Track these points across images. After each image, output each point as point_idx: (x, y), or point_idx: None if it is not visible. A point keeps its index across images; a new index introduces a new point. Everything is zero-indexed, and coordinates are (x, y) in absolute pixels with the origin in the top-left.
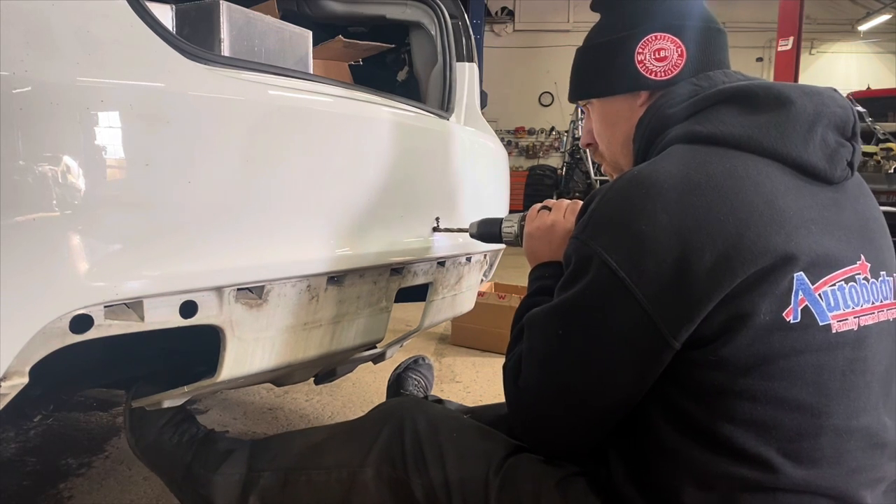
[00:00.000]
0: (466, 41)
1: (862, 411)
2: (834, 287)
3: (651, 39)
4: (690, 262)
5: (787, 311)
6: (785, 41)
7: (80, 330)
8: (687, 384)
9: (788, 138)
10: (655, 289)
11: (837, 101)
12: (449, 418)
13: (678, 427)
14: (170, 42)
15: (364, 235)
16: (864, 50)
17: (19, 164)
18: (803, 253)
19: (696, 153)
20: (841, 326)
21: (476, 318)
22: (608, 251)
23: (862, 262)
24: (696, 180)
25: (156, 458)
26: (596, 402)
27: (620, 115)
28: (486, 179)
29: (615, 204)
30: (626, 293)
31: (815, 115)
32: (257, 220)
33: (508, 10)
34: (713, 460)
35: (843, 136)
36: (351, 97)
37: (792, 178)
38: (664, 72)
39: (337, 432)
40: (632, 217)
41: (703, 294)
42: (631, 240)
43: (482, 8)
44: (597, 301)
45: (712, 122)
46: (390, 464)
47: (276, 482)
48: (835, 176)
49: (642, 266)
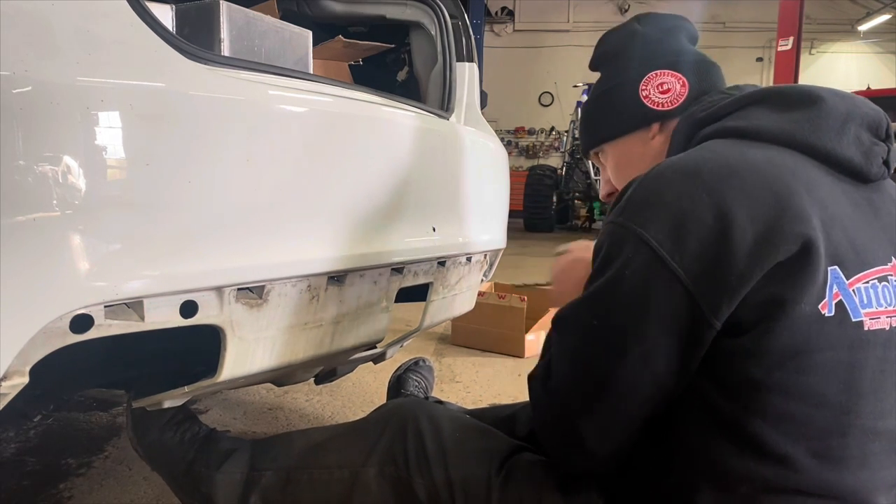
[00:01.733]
0: (466, 41)
1: (888, 413)
2: (867, 284)
3: (652, 77)
4: (732, 241)
5: (822, 304)
6: (785, 41)
7: (81, 330)
8: (722, 378)
9: (822, 132)
10: (697, 267)
11: (868, 104)
12: (451, 418)
13: (705, 425)
14: (170, 42)
15: (364, 235)
16: (864, 50)
17: (19, 163)
18: (837, 246)
19: (732, 144)
20: (873, 325)
21: (476, 318)
22: (648, 230)
23: (894, 263)
24: (736, 165)
25: (157, 456)
26: (633, 397)
27: (634, 153)
28: (487, 179)
29: (654, 186)
30: (667, 272)
31: (846, 113)
32: (258, 219)
33: (508, 10)
34: (737, 460)
35: (876, 136)
36: (351, 97)
37: (827, 174)
38: (670, 102)
39: (339, 432)
40: (672, 196)
41: (744, 273)
42: (672, 218)
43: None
44: (636, 282)
45: (745, 118)
46: (392, 463)
47: (277, 481)
48: (871, 172)
49: (684, 244)
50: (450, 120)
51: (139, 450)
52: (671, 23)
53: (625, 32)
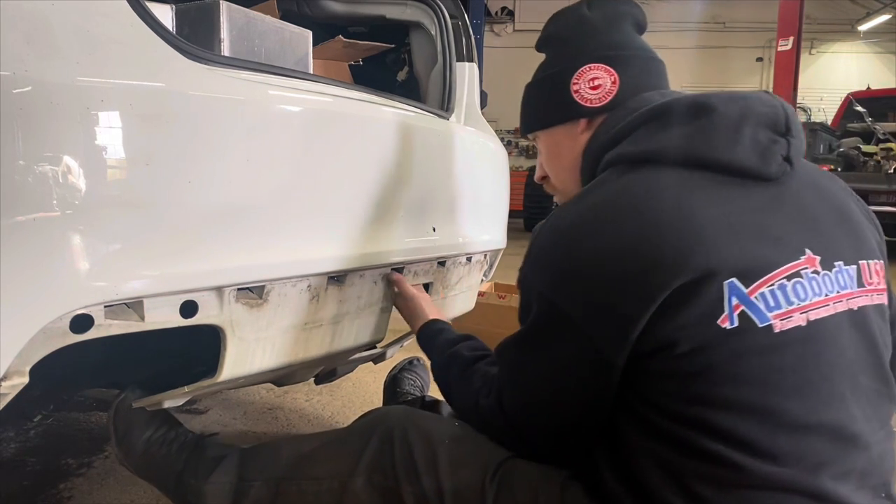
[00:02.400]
0: (466, 41)
1: (822, 406)
2: (773, 287)
3: (585, 70)
4: (617, 285)
5: (721, 319)
6: (785, 41)
7: (81, 330)
8: (643, 392)
9: (714, 142)
10: (591, 313)
11: (765, 101)
12: (441, 426)
13: (645, 432)
14: (170, 42)
15: (365, 235)
16: (864, 50)
17: (19, 164)
18: (729, 262)
19: (621, 177)
20: (785, 325)
21: (476, 318)
22: (544, 283)
23: (808, 256)
24: (619, 205)
25: (146, 469)
26: (569, 417)
27: (563, 145)
28: (487, 179)
29: (547, 237)
30: (565, 320)
31: (739, 118)
32: (258, 219)
33: (508, 10)
34: (681, 461)
35: (775, 132)
36: (351, 97)
37: (722, 183)
38: (598, 99)
39: (326, 441)
40: (561, 249)
41: (633, 313)
42: (562, 270)
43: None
44: (543, 330)
45: (641, 140)
46: (380, 472)
47: (267, 492)
48: (770, 172)
49: (574, 293)
50: (450, 120)
51: (127, 465)
52: (618, 9)
53: (572, 17)
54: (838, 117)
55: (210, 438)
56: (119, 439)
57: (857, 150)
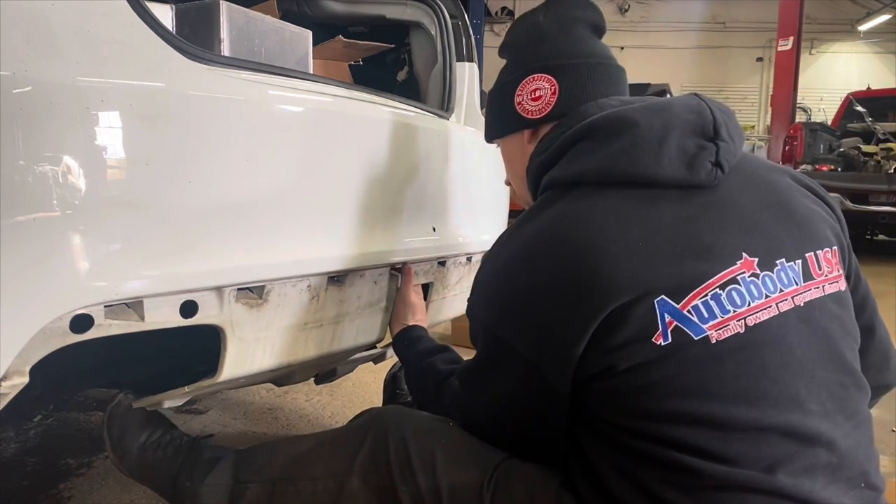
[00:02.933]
0: (466, 41)
1: (771, 407)
2: (706, 298)
3: (529, 81)
4: (551, 316)
5: (655, 336)
6: (785, 41)
7: (81, 330)
8: (595, 410)
9: (637, 159)
10: (533, 343)
11: (692, 107)
12: (437, 425)
13: (605, 444)
14: (170, 42)
15: (364, 235)
16: (864, 50)
17: (19, 164)
18: (658, 280)
19: (552, 205)
20: (721, 334)
21: None
22: (489, 319)
23: (744, 260)
24: (548, 236)
25: (141, 473)
26: (528, 437)
27: (515, 153)
28: (487, 179)
29: (488, 272)
30: (510, 350)
31: (662, 129)
32: (258, 219)
33: (508, 10)
34: (643, 469)
35: (703, 137)
36: (351, 97)
37: (652, 198)
38: (538, 111)
39: (321, 441)
40: (500, 283)
41: (571, 341)
42: (501, 304)
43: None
44: (491, 360)
45: (571, 164)
46: (375, 472)
47: (263, 493)
48: (700, 180)
49: (516, 325)
50: (450, 120)
51: (123, 469)
52: (572, 13)
53: (527, 24)
54: (838, 117)
55: (205, 440)
56: (114, 444)
57: (857, 150)
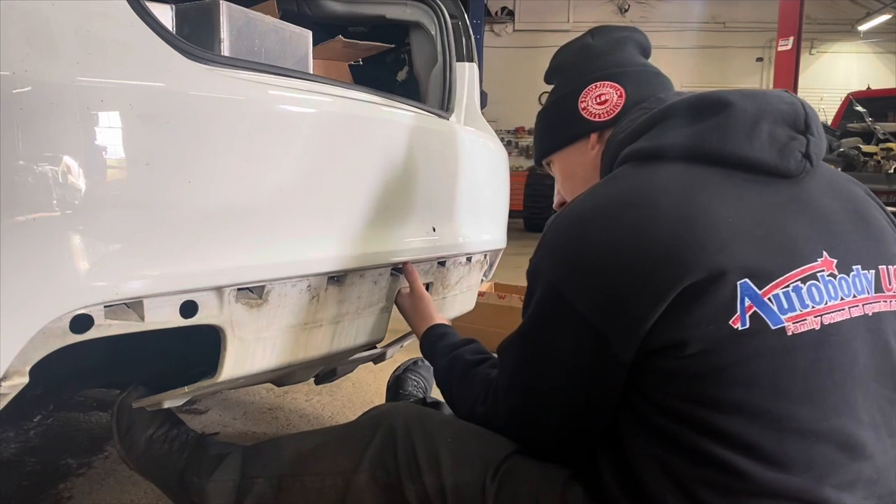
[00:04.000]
0: (466, 41)
1: (832, 412)
2: (787, 289)
3: (592, 88)
4: (627, 280)
5: (733, 319)
6: (785, 41)
7: (81, 330)
8: (648, 394)
9: (730, 138)
10: (599, 307)
11: (784, 98)
12: (443, 423)
13: (649, 434)
14: (170, 42)
15: (364, 235)
16: (864, 50)
17: (19, 163)
18: (742, 262)
19: (636, 173)
20: (798, 328)
21: (476, 318)
22: (554, 274)
23: (825, 258)
24: (632, 200)
25: (147, 467)
26: (571, 418)
27: (576, 163)
28: (487, 179)
29: (559, 229)
30: (574, 312)
31: (757, 114)
32: (257, 219)
33: (508, 10)
34: (685, 466)
35: (794, 129)
36: (351, 97)
37: (739, 180)
38: (606, 113)
39: (329, 438)
40: (572, 240)
41: (644, 310)
42: (572, 262)
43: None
44: (549, 322)
45: (657, 137)
46: (383, 469)
47: (270, 489)
48: (789, 168)
49: (584, 286)
50: (450, 120)
51: (129, 462)
52: (621, 34)
53: (576, 46)
54: (838, 117)
55: (211, 437)
56: (121, 436)
57: (858, 150)
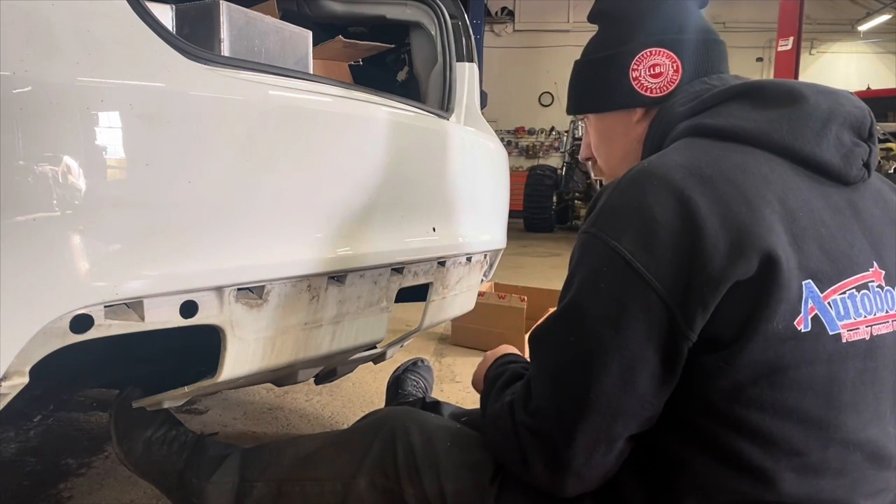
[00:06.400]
0: (466, 41)
1: (869, 423)
2: (844, 295)
3: (646, 55)
4: (703, 250)
5: (798, 320)
6: (785, 41)
7: (81, 330)
8: (698, 394)
9: (801, 134)
10: (671, 277)
11: (853, 101)
12: (443, 428)
13: (685, 438)
14: (170, 42)
15: (364, 235)
16: (864, 50)
17: (19, 164)
18: (812, 258)
19: (705, 147)
20: (851, 336)
21: (476, 318)
22: (621, 241)
23: (875, 269)
24: (707, 172)
25: (147, 469)
26: (617, 415)
27: (617, 131)
28: (487, 179)
29: (625, 193)
30: (642, 282)
31: (829, 113)
32: (258, 219)
33: (508, 10)
34: (717, 472)
35: (858, 136)
36: (351, 97)
37: (804, 177)
38: (659, 88)
39: (328, 443)
40: (643, 205)
41: (715, 282)
42: (644, 228)
43: (482, 8)
44: (611, 294)
45: (723, 115)
46: (383, 474)
47: (269, 493)
48: (850, 175)
49: (657, 254)
50: (450, 120)
51: (128, 464)
52: None
53: None
54: None
55: (210, 438)
56: (119, 438)
57: None
